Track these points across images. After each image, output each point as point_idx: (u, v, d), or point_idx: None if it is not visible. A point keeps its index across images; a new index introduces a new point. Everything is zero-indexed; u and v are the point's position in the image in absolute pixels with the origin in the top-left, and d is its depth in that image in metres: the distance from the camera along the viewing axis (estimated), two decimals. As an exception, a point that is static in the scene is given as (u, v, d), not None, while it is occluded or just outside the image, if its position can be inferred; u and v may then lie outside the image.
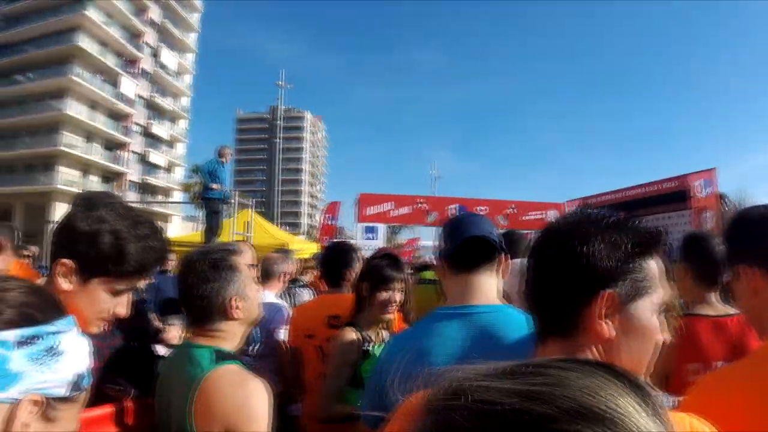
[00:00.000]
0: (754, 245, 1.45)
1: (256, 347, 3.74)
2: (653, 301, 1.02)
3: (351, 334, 2.77)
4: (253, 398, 1.59)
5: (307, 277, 7.32)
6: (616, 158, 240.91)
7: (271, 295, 4.11)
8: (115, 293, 1.49)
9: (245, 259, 4.10)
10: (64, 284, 1.41)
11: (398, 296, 2.86)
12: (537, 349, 1.09)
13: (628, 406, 0.45)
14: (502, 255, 1.70)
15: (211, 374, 1.61)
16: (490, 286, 1.63)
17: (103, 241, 1.42)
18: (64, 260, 1.41)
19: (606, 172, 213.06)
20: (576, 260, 1.00)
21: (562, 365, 0.49)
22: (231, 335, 1.82)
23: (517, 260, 2.33)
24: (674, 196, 17.77)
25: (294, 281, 6.52)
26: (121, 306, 1.52)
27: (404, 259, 6.24)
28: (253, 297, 1.90)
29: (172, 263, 9.28)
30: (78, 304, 1.38)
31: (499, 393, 0.45)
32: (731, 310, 2.46)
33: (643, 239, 1.02)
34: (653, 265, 1.03)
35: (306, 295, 6.25)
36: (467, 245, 1.62)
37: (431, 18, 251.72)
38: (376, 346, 2.78)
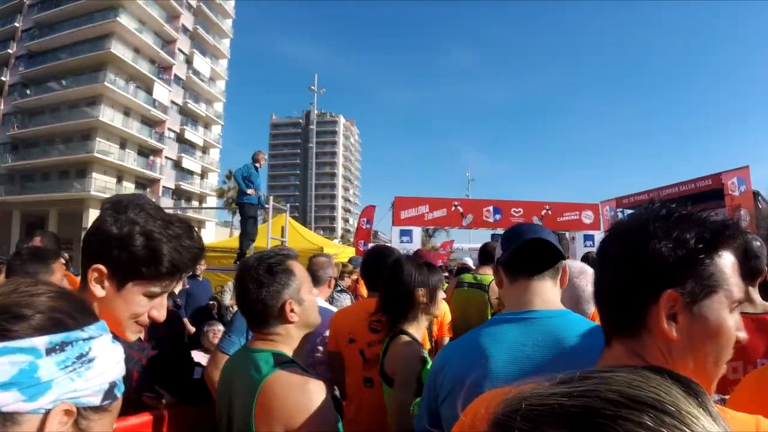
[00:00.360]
0: None
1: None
2: (724, 298, 0.96)
3: (413, 345, 2.65)
4: (313, 400, 1.62)
5: (346, 282, 7.32)
6: (648, 157, 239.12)
7: (321, 300, 4.01)
8: (151, 296, 1.46)
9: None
10: (99, 290, 1.38)
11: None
12: (603, 351, 1.07)
13: (678, 396, 0.48)
14: (563, 262, 1.65)
15: (271, 377, 1.66)
16: (552, 292, 1.59)
17: (136, 243, 1.39)
18: (97, 265, 1.38)
19: (639, 171, 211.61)
20: (639, 259, 0.98)
21: (613, 369, 0.52)
22: (289, 339, 1.85)
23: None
24: (709, 194, 17.66)
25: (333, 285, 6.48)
26: (158, 309, 1.49)
27: (440, 262, 6.05)
28: (309, 301, 1.92)
29: (203, 268, 9.31)
30: (114, 309, 1.37)
31: (549, 397, 0.48)
32: None
33: (711, 234, 0.97)
34: (724, 260, 0.98)
35: (346, 300, 6.27)
36: (526, 251, 1.59)
37: (461, 18, 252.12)
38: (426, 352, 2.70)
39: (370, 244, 15.77)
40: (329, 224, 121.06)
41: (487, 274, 4.92)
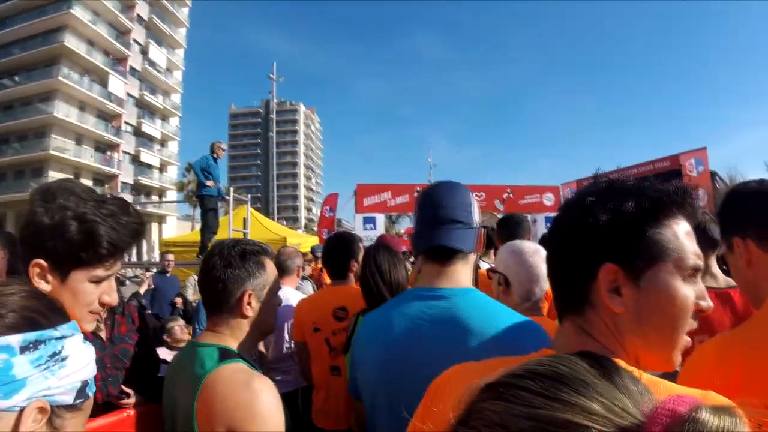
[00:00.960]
0: (747, 218, 1.51)
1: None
2: (674, 267, 0.93)
3: None
4: (257, 398, 1.53)
5: (307, 270, 7.37)
6: (611, 142, 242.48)
7: (291, 289, 4.10)
8: (97, 281, 1.40)
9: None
10: (44, 286, 1.32)
11: None
12: (557, 330, 1.06)
13: (578, 368, 0.51)
14: (470, 256, 1.69)
15: (214, 374, 1.57)
16: (461, 273, 1.63)
17: (70, 229, 1.34)
18: (36, 260, 1.33)
19: (601, 156, 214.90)
20: (577, 234, 0.97)
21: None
22: (239, 333, 1.77)
23: (516, 242, 2.38)
24: (668, 175, 17.94)
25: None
26: (108, 293, 1.44)
27: (403, 248, 6.05)
28: (270, 304, 1.86)
29: (171, 264, 9.21)
30: (63, 303, 1.25)
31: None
32: (733, 283, 2.48)
33: (651, 202, 0.94)
34: (673, 228, 0.96)
35: (308, 287, 6.27)
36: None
37: (427, 6, 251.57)
38: None
39: (334, 233, 15.81)
40: (292, 214, 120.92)
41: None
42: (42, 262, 1.32)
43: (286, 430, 1.58)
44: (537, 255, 2.21)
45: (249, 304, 1.75)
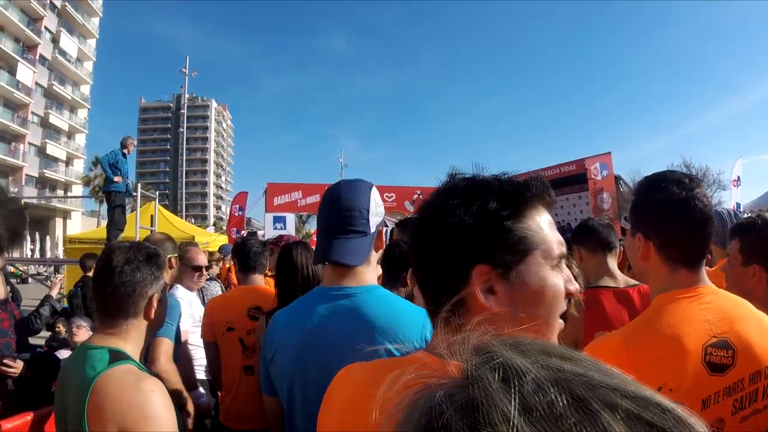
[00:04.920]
0: (659, 226, 1.57)
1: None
2: (541, 258, 0.95)
3: None
4: (147, 399, 1.54)
5: (215, 270, 7.28)
6: (516, 147, 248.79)
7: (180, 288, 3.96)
8: None
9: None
10: None
11: None
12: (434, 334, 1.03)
13: None
14: (369, 256, 1.76)
15: (104, 376, 1.57)
16: (362, 273, 1.72)
17: None
18: None
19: (510, 157, 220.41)
20: (446, 236, 0.94)
21: None
22: (133, 334, 1.78)
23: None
24: (573, 179, 18.55)
25: (201, 274, 6.53)
26: None
27: (314, 248, 6.28)
28: (164, 304, 1.90)
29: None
30: None
31: None
32: (632, 282, 2.72)
33: (512, 197, 0.94)
34: (536, 220, 0.97)
35: (216, 288, 6.22)
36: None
37: (342, 7, 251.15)
38: None
39: (243, 232, 15.75)
40: (201, 212, 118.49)
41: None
42: None
43: (178, 430, 1.59)
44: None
45: (154, 307, 1.79)
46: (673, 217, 1.54)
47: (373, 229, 1.72)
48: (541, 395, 0.37)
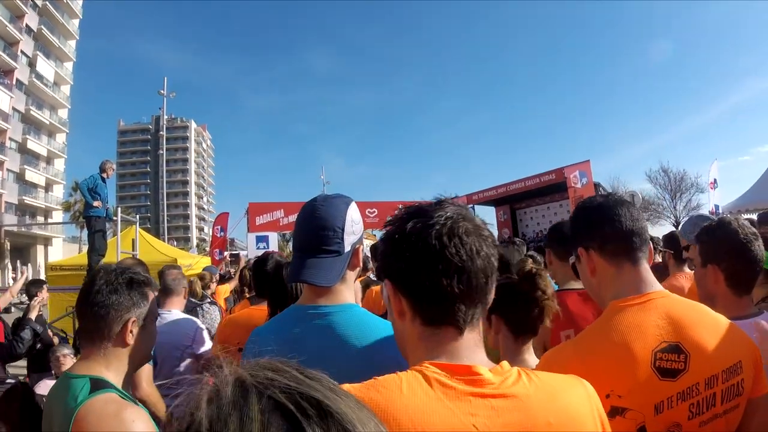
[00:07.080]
0: (590, 231, 1.65)
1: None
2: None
3: None
4: (128, 429, 1.53)
5: (210, 291, 7.23)
6: (499, 159, 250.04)
7: (178, 312, 4.03)
8: None
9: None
10: None
11: None
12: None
13: None
14: (345, 276, 1.75)
15: (85, 405, 1.57)
16: (338, 291, 1.71)
17: None
18: None
19: (493, 170, 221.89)
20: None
21: None
22: (115, 362, 1.77)
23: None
24: (553, 187, 18.68)
25: (202, 298, 6.49)
26: None
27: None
28: (148, 336, 1.88)
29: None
30: None
31: None
32: None
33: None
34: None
35: (215, 312, 6.21)
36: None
37: (322, 21, 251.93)
38: None
39: (226, 253, 15.72)
40: (184, 234, 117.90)
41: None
42: None
43: None
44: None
45: (131, 332, 1.78)
46: (604, 214, 1.62)
47: (348, 248, 1.70)
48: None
